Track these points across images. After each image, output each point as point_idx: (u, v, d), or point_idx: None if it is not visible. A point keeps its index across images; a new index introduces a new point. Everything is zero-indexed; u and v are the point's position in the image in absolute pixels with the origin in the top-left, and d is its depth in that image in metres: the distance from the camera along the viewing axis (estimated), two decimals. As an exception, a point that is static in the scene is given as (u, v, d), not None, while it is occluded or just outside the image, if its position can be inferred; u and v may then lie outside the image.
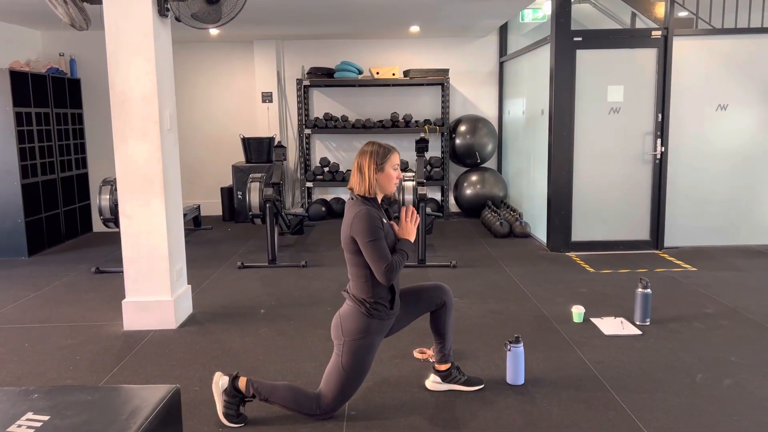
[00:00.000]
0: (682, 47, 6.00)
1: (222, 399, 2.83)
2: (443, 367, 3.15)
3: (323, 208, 8.23)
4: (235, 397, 2.82)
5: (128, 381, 3.38)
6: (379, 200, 2.87)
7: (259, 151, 8.05)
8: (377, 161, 2.78)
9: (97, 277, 5.51)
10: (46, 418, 1.88)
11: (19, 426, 1.81)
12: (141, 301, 4.15)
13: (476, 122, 8.08)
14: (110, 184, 5.73)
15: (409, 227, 2.84)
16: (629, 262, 5.75)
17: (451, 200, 8.51)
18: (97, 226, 7.55)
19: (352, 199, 2.83)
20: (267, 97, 8.39)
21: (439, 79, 8.03)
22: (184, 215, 6.78)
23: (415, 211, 2.87)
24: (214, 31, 7.45)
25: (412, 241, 2.84)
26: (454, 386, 3.16)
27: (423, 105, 8.54)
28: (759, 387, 3.17)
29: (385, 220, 2.81)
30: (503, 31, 8.31)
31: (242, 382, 2.83)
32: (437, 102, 8.50)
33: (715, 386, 3.19)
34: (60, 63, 7.31)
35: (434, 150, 8.47)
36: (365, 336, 2.77)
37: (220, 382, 2.86)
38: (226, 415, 2.82)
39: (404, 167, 7.99)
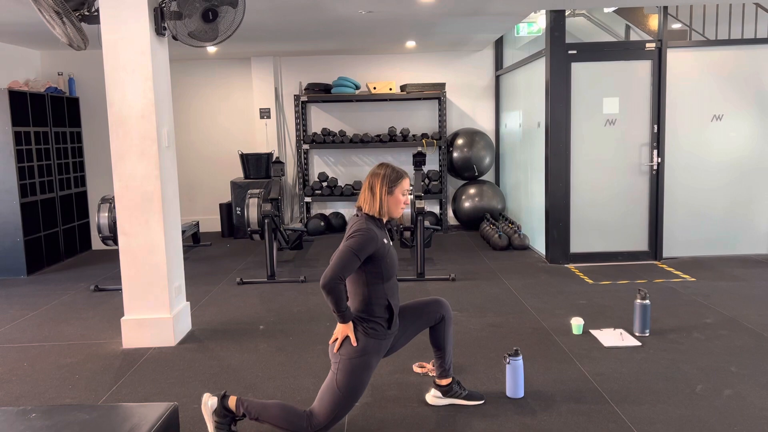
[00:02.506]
0: (676, 59, 6.05)
1: (213, 420, 2.79)
2: (444, 381, 3.14)
3: (322, 223, 8.24)
4: (225, 417, 2.79)
5: (127, 399, 3.37)
6: (384, 221, 2.88)
7: (258, 167, 8.07)
8: (389, 184, 2.81)
9: (96, 295, 5.51)
10: (44, 437, 1.88)
11: (17, 446, 1.82)
12: (140, 319, 4.15)
13: (473, 135, 8.12)
14: (109, 202, 5.75)
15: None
16: (628, 273, 5.75)
17: (450, 213, 8.52)
18: (96, 244, 7.56)
19: (358, 215, 2.85)
20: (265, 113, 8.43)
21: (435, 93, 8.08)
22: (183, 232, 6.79)
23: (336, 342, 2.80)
24: (211, 49, 7.50)
25: (340, 324, 2.77)
26: (454, 401, 3.15)
27: (420, 119, 8.58)
28: (759, 397, 3.16)
29: (386, 240, 2.82)
30: (499, 44, 8.37)
31: (232, 401, 2.79)
32: (434, 116, 8.55)
33: (715, 397, 3.18)
34: (59, 82, 7.35)
35: (432, 163, 8.50)
36: (362, 355, 2.75)
37: (209, 402, 2.82)
38: None
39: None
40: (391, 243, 2.89)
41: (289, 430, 2.78)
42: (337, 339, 2.77)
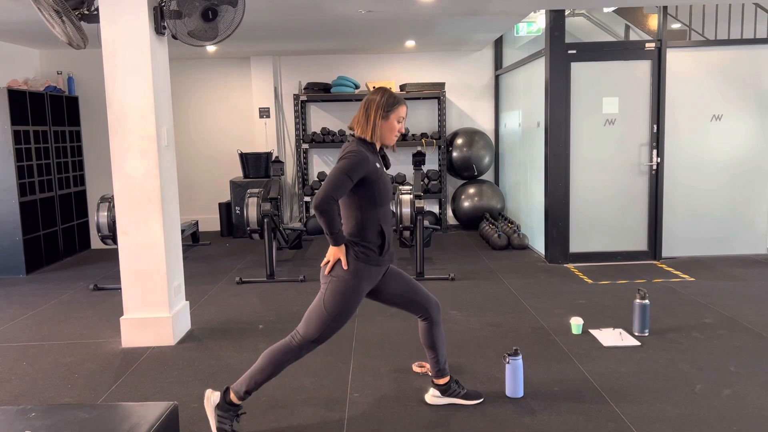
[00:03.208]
0: (675, 59, 6.05)
1: (215, 414, 2.82)
2: (442, 380, 3.14)
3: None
4: (228, 411, 2.81)
5: (126, 398, 3.37)
6: (378, 147, 2.86)
7: (257, 166, 8.07)
8: (385, 109, 2.78)
9: (96, 295, 5.50)
10: (43, 436, 1.88)
11: (17, 445, 1.81)
12: (139, 318, 4.15)
13: (473, 135, 8.12)
14: (108, 201, 5.74)
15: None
16: (627, 273, 5.75)
17: (449, 213, 8.52)
18: (95, 243, 7.55)
19: (350, 140, 2.82)
20: (264, 113, 8.43)
21: (435, 93, 8.08)
22: (182, 231, 6.79)
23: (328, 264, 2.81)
24: (211, 48, 7.50)
25: (332, 247, 2.75)
26: (453, 400, 3.15)
27: (420, 119, 8.58)
28: (758, 397, 3.16)
29: (378, 165, 2.79)
30: (498, 44, 8.37)
31: (233, 395, 2.82)
32: (434, 115, 8.55)
33: (714, 396, 3.18)
34: (58, 81, 7.34)
35: (431, 163, 8.50)
36: (353, 278, 2.73)
37: (212, 398, 2.85)
38: (220, 431, 2.81)
39: (402, 180, 8.02)
40: (384, 169, 2.86)
41: (280, 367, 2.80)
42: (328, 262, 2.76)
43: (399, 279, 2.98)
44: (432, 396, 3.17)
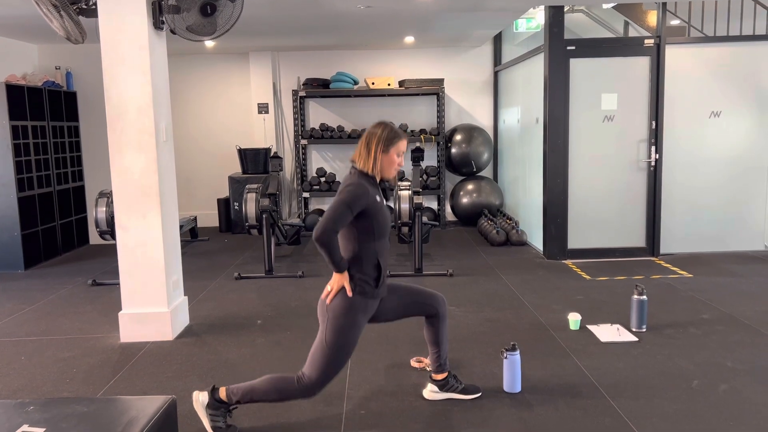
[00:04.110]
0: (674, 55, 6.05)
1: (207, 414, 2.81)
2: (440, 376, 3.15)
3: (320, 218, 8.22)
4: (218, 408, 2.81)
5: (125, 393, 3.37)
6: (378, 180, 2.86)
7: (256, 162, 8.07)
8: (385, 143, 2.80)
9: (94, 290, 5.51)
10: (41, 430, 1.88)
11: (15, 438, 1.82)
12: (137, 313, 4.15)
13: (472, 131, 8.12)
14: (107, 196, 5.74)
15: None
16: (625, 269, 5.76)
17: (448, 209, 8.52)
18: (94, 238, 7.55)
19: (351, 172, 2.84)
20: (263, 109, 8.42)
21: (434, 89, 8.07)
22: (181, 227, 6.79)
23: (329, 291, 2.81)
24: (209, 43, 7.49)
25: (335, 275, 2.77)
26: (451, 395, 3.16)
27: (418, 115, 8.57)
28: (755, 392, 3.18)
29: (378, 198, 2.80)
30: (497, 40, 8.36)
31: (222, 392, 2.82)
32: (433, 111, 8.54)
33: (711, 392, 3.19)
34: (56, 76, 7.33)
35: (430, 159, 8.50)
36: (349, 313, 2.74)
37: (200, 398, 2.84)
38: (215, 429, 2.81)
39: (401, 176, 8.02)
40: (384, 201, 2.87)
41: (283, 399, 2.79)
42: (330, 291, 2.76)
43: (394, 292, 2.99)
44: (430, 391, 3.18)
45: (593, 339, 3.98)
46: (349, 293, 2.74)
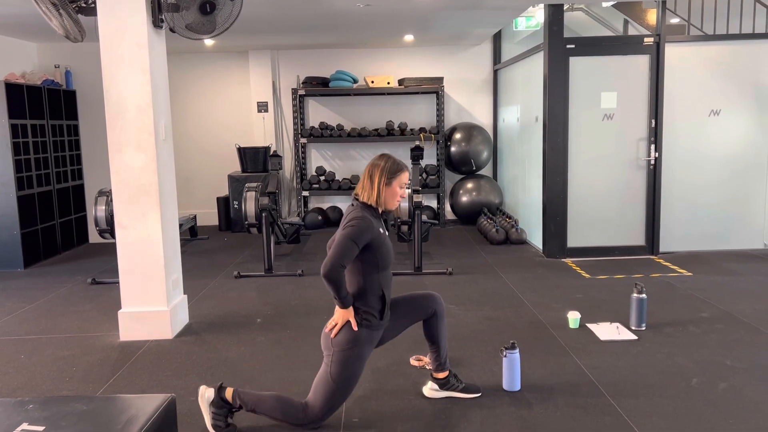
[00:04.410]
0: (674, 53, 6.05)
1: (210, 411, 2.82)
2: (441, 375, 3.15)
3: (319, 217, 8.23)
4: (222, 408, 2.82)
5: (124, 391, 3.37)
6: (380, 212, 2.90)
7: (255, 160, 8.07)
8: (388, 176, 2.83)
9: (93, 288, 5.51)
10: (41, 428, 1.88)
11: (15, 437, 1.82)
12: (137, 312, 4.15)
13: (471, 130, 8.11)
14: (106, 195, 5.74)
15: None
16: (625, 268, 5.76)
17: (447, 208, 8.52)
18: (93, 237, 7.54)
19: (353, 205, 2.86)
20: (263, 107, 8.41)
21: (433, 88, 8.07)
22: (180, 225, 6.78)
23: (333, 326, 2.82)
24: (209, 42, 7.48)
25: (340, 310, 2.78)
26: (451, 393, 3.16)
27: (418, 113, 8.57)
28: (754, 390, 3.18)
29: (382, 230, 2.83)
30: (497, 39, 8.36)
31: (228, 393, 2.83)
32: (432, 110, 8.54)
33: (710, 390, 3.19)
34: (55, 75, 7.32)
35: (430, 158, 8.49)
36: (354, 346, 2.77)
37: (206, 394, 2.85)
38: (215, 427, 2.81)
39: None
40: (386, 233, 2.90)
41: (285, 421, 2.81)
42: (335, 325, 2.78)
43: (395, 311, 2.99)
44: (430, 389, 3.18)
45: (593, 337, 3.98)
46: (355, 328, 2.76)
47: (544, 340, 3.97)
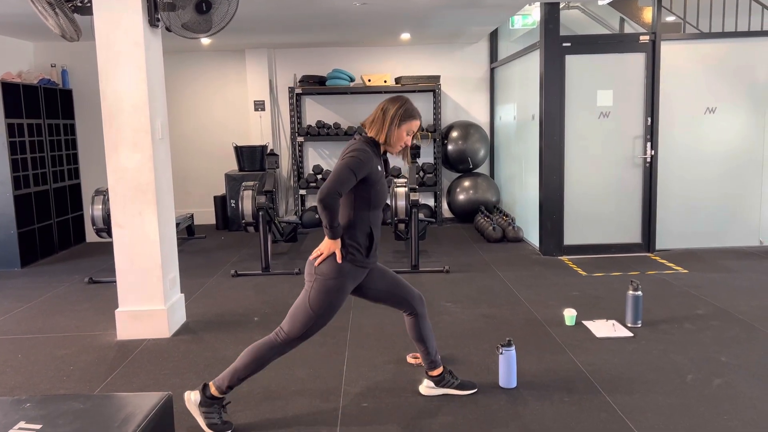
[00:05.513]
0: (670, 51, 6.06)
1: (201, 412, 2.82)
2: (435, 372, 3.16)
3: (317, 216, 8.24)
4: (212, 405, 2.82)
5: (121, 390, 3.38)
6: (382, 150, 2.88)
7: (252, 159, 8.07)
8: (401, 117, 2.82)
9: (91, 287, 5.51)
10: (38, 427, 1.89)
11: (12, 435, 1.82)
12: (134, 311, 4.15)
13: (468, 128, 8.12)
14: (103, 194, 5.73)
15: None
16: (621, 265, 5.78)
17: (444, 206, 8.53)
18: (90, 236, 7.54)
19: (356, 138, 2.84)
20: (259, 106, 8.41)
21: (430, 86, 8.07)
22: (177, 224, 6.79)
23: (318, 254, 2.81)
24: (205, 41, 7.48)
25: (328, 240, 2.75)
26: (447, 390, 3.17)
27: (415, 111, 8.56)
28: (749, 387, 3.19)
29: (380, 168, 2.82)
30: (494, 37, 8.37)
31: (212, 388, 2.84)
32: (429, 108, 8.54)
33: (705, 386, 3.21)
34: (52, 74, 7.32)
35: (426, 156, 8.50)
36: (336, 276, 2.76)
37: (192, 398, 2.85)
38: (210, 426, 2.81)
39: (397, 173, 8.03)
40: (384, 173, 2.89)
41: (264, 365, 2.83)
42: (320, 255, 2.77)
43: (382, 276, 3.00)
44: (426, 387, 3.19)
45: (589, 334, 3.99)
46: (339, 260, 2.75)
47: (541, 337, 3.98)
